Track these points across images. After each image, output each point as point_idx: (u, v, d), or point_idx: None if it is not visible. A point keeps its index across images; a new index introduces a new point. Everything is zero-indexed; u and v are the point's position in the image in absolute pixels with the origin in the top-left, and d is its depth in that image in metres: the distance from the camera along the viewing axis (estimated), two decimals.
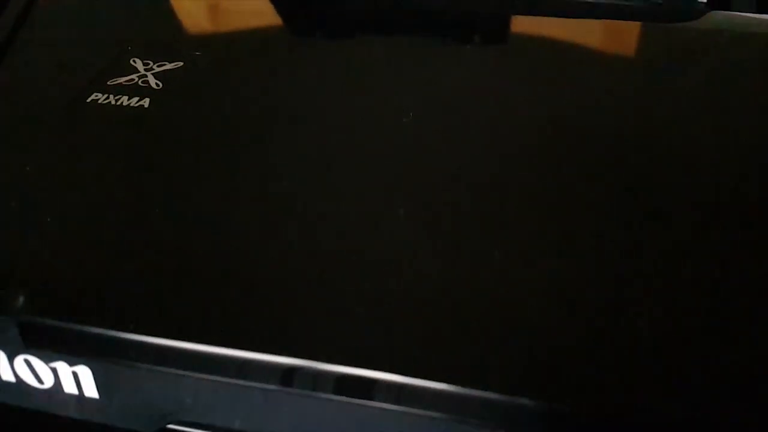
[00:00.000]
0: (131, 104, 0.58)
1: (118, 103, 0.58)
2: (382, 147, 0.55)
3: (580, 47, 0.70)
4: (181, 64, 0.62)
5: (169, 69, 0.62)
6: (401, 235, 0.48)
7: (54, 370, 0.44)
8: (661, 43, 0.72)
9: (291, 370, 0.41)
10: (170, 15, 0.73)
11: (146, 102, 0.58)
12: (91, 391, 0.44)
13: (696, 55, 0.70)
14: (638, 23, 0.77)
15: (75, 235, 0.49)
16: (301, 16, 0.72)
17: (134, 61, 0.63)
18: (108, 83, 0.60)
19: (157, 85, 0.60)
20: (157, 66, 0.62)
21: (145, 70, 0.62)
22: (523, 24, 0.73)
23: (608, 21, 0.75)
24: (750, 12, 0.89)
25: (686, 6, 0.91)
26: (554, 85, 0.61)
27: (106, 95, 0.59)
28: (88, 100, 0.58)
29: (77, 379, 0.44)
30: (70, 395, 0.45)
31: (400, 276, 0.45)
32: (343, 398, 0.41)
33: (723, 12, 0.82)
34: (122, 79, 0.61)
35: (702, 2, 0.97)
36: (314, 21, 0.71)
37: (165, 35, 0.69)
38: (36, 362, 0.44)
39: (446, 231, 0.48)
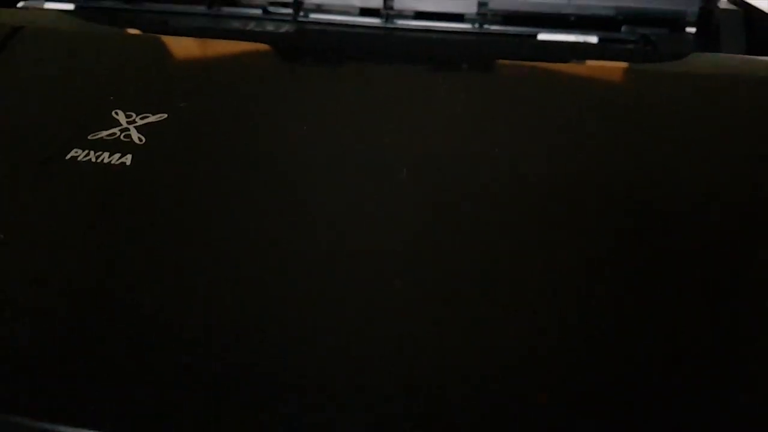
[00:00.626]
0: (113, 161, 0.55)
1: (99, 160, 0.55)
2: (375, 210, 0.53)
3: (563, 92, 0.67)
4: (166, 116, 0.60)
5: (153, 122, 0.59)
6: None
7: None
8: (642, 87, 0.70)
9: None
10: (155, 60, 0.70)
11: (128, 159, 0.55)
12: None
13: (677, 100, 0.68)
14: (619, 66, 0.76)
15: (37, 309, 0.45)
16: (292, 62, 0.70)
17: (116, 112, 0.60)
18: (89, 137, 0.58)
19: (140, 140, 0.57)
20: (140, 118, 0.60)
21: (128, 122, 0.59)
22: (503, 69, 0.71)
23: (588, 64, 0.74)
24: (739, 50, 0.89)
25: (669, 48, 0.90)
26: (540, 132, 0.59)
27: (86, 151, 0.56)
28: (68, 157, 0.56)
29: None
30: None
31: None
32: None
33: (706, 54, 0.81)
34: (104, 134, 0.58)
35: (689, 37, 0.96)
36: (305, 67, 0.69)
37: (149, 83, 0.66)
38: None
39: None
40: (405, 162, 0.55)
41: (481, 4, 0.97)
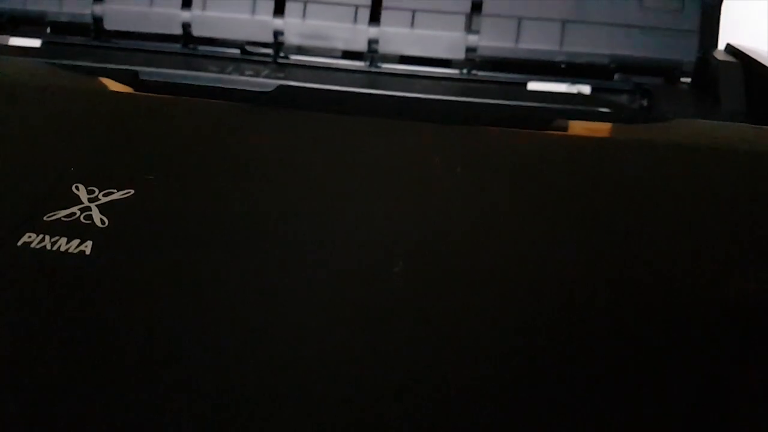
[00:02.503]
0: (70, 249, 0.50)
1: (55, 247, 0.50)
2: (361, 297, 0.48)
3: (539, 167, 0.62)
4: (132, 192, 0.55)
5: (118, 199, 0.54)
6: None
7: None
8: (621, 161, 0.64)
9: None
10: (122, 123, 0.65)
11: (88, 247, 0.50)
12: None
13: (655, 178, 0.62)
14: (600, 134, 0.72)
15: None
16: (273, 128, 0.65)
17: (77, 187, 0.55)
18: (44, 218, 0.52)
19: (102, 222, 0.52)
20: (104, 195, 0.54)
21: (89, 200, 0.54)
22: (486, 138, 0.66)
23: (571, 130, 0.70)
24: (738, 105, 0.85)
25: (664, 101, 0.87)
26: (516, 211, 0.55)
27: (41, 236, 0.51)
28: (20, 243, 0.50)
29: None
30: None
31: None
32: None
33: (687, 121, 0.76)
34: (61, 214, 0.53)
35: (684, 89, 0.93)
36: (287, 134, 0.64)
37: (115, 150, 0.61)
38: None
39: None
40: (396, 249, 0.50)
41: (468, 50, 0.93)
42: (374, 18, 0.94)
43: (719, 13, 0.92)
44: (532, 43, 0.92)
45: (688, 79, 0.93)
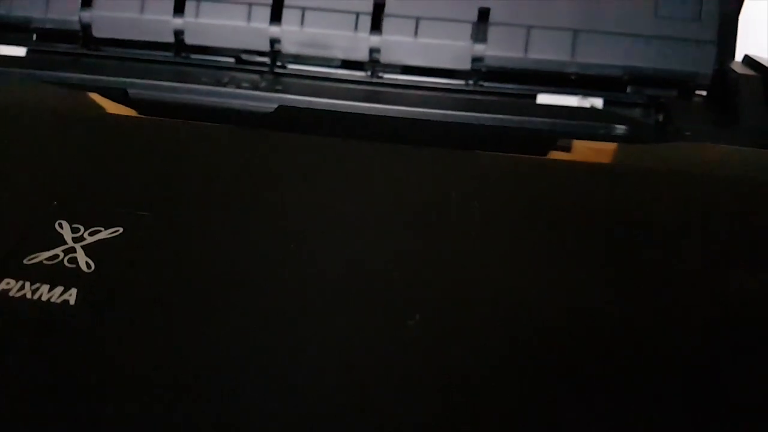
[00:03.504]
0: (52, 298, 0.46)
1: (36, 296, 0.46)
2: (356, 343, 0.44)
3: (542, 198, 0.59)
4: (121, 230, 0.51)
5: (106, 238, 0.50)
6: None
7: None
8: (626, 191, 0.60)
9: None
10: (109, 150, 0.61)
11: (72, 296, 0.46)
12: None
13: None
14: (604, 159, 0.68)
15: None
16: (272, 155, 0.61)
17: (60, 224, 0.51)
18: (25, 261, 0.48)
19: (88, 266, 0.48)
20: (90, 233, 0.50)
21: (74, 240, 0.50)
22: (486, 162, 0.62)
23: (576, 152, 0.66)
24: (757, 120, 0.81)
25: (680, 116, 0.83)
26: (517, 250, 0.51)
27: (20, 283, 0.46)
28: None
29: None
30: None
31: None
32: None
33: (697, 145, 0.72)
34: (43, 256, 0.48)
35: (699, 102, 0.89)
36: (286, 163, 0.60)
37: (102, 182, 0.57)
38: None
39: None
40: (405, 299, 0.47)
41: (475, 60, 0.89)
42: (376, 26, 0.90)
43: (737, 23, 0.88)
44: (541, 53, 0.87)
45: (704, 92, 0.89)
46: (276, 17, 0.90)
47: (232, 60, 0.95)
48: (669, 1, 0.87)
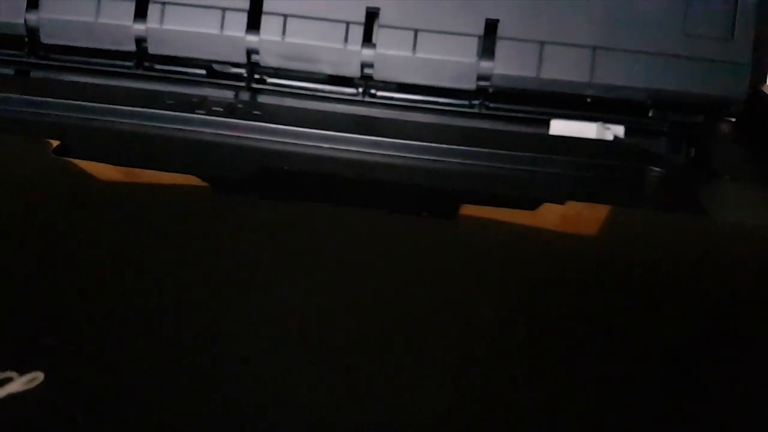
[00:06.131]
0: None
1: None
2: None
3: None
4: (42, 377, 0.38)
5: (17, 392, 0.38)
6: None
7: None
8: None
9: None
10: (35, 238, 0.50)
11: None
12: None
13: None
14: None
15: None
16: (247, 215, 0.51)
17: None
18: None
19: None
20: None
21: None
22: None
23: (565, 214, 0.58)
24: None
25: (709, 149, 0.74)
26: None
27: None
28: None
29: None
30: None
31: None
32: None
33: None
34: None
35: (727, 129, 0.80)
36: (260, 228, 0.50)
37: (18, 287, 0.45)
38: None
39: None
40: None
41: (480, 78, 0.78)
42: (368, 37, 0.79)
43: None
44: (556, 72, 0.77)
45: (732, 118, 0.80)
46: (254, 25, 0.79)
47: (203, 72, 0.83)
48: (699, 17, 0.77)
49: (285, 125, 0.69)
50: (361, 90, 0.81)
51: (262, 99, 0.82)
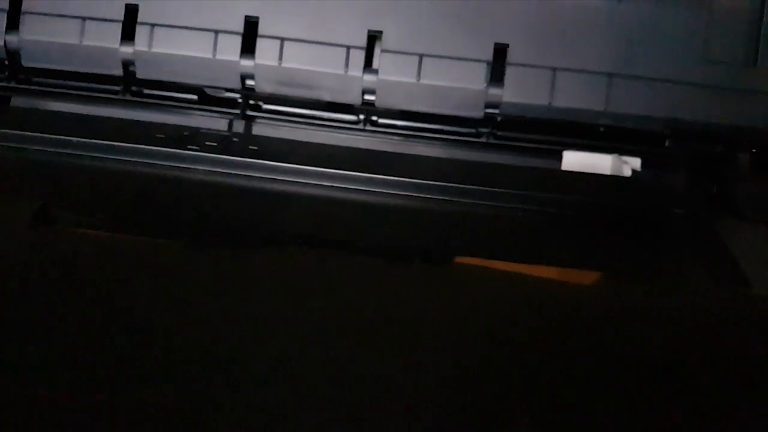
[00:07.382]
0: None
1: None
2: None
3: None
4: None
5: None
6: None
7: None
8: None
9: None
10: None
11: None
12: None
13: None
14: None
15: None
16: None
17: None
18: None
19: None
20: None
21: None
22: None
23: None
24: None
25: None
26: None
27: None
28: None
29: None
30: None
31: None
32: None
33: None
34: None
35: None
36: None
37: None
38: None
39: None
40: None
41: (489, 106, 0.74)
42: (370, 63, 0.74)
43: None
44: (569, 100, 0.73)
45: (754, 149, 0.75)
46: (248, 49, 0.74)
47: (194, 97, 0.78)
48: (721, 42, 0.72)
49: (282, 162, 0.65)
50: (362, 117, 0.77)
51: (258, 128, 0.77)
